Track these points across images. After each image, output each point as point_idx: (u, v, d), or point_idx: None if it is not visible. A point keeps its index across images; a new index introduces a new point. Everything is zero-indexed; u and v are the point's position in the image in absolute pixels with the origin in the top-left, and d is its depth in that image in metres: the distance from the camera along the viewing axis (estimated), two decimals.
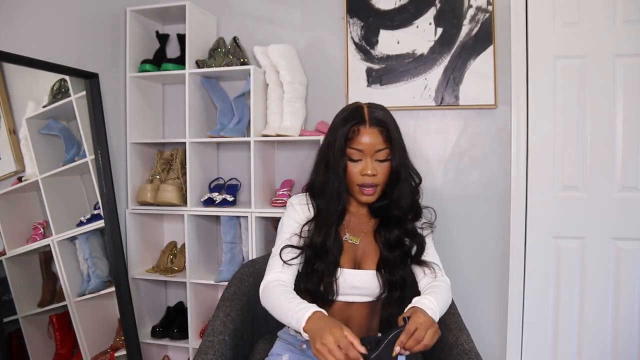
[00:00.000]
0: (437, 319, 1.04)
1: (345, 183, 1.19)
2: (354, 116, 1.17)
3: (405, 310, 1.04)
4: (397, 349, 0.93)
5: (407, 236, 1.23)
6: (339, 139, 1.16)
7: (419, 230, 1.26)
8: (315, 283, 1.18)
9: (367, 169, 1.15)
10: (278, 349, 1.31)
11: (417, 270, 1.25)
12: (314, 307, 1.02)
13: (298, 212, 1.26)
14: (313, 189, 1.25)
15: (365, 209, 1.28)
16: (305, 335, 0.98)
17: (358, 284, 1.20)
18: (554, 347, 1.88)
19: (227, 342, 1.29)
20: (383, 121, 1.16)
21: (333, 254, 1.19)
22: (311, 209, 1.25)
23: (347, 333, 0.92)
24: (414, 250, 1.24)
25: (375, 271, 1.21)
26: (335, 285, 1.19)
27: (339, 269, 1.20)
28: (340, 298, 1.21)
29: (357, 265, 1.23)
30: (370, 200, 1.20)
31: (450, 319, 1.35)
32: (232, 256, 1.97)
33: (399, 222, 1.22)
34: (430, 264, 1.22)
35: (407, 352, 0.96)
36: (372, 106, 1.20)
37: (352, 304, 1.23)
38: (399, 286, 1.21)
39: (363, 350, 0.91)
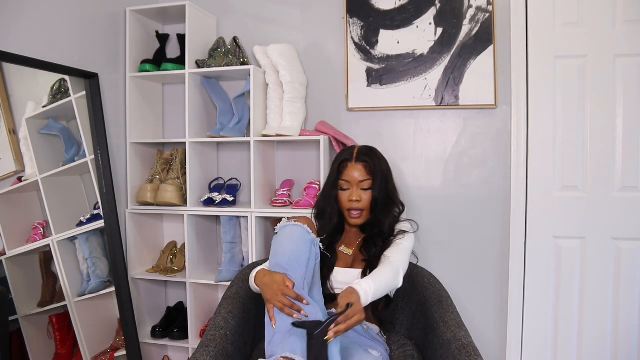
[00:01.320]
0: (369, 300, 1.22)
1: (338, 209, 1.48)
2: (345, 154, 1.48)
3: (343, 291, 1.20)
4: (330, 334, 1.09)
5: (384, 245, 1.45)
6: (333, 173, 1.48)
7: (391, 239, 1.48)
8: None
9: (352, 196, 1.43)
10: None
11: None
12: (260, 267, 1.31)
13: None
14: (317, 213, 1.53)
15: (356, 227, 1.52)
16: (258, 289, 1.27)
17: (346, 279, 1.42)
18: (554, 347, 1.88)
19: (229, 337, 1.31)
20: (367, 157, 1.45)
21: (330, 260, 1.44)
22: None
23: (287, 281, 1.18)
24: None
25: (361, 271, 1.44)
26: (330, 283, 1.44)
27: (335, 268, 1.46)
28: (338, 292, 1.40)
29: (349, 267, 1.49)
30: (357, 222, 1.47)
31: (449, 317, 1.36)
32: (232, 256, 1.97)
33: (380, 236, 1.46)
34: (387, 258, 1.38)
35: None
36: (362, 147, 1.51)
37: None
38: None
39: (294, 295, 1.16)
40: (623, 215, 1.79)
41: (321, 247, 1.31)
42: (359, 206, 1.43)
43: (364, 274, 1.40)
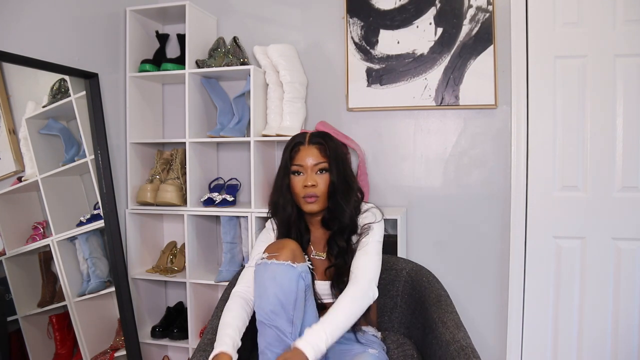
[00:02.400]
0: (324, 349, 1.10)
1: (291, 199, 1.35)
2: (296, 139, 1.36)
3: (287, 353, 1.09)
4: None
5: (347, 247, 1.33)
6: (283, 161, 1.35)
7: (355, 240, 1.35)
8: None
9: (307, 181, 1.30)
10: None
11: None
12: (219, 349, 1.13)
13: (269, 236, 1.41)
14: (272, 211, 1.42)
15: (318, 223, 1.40)
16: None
17: (322, 292, 1.34)
18: (554, 347, 1.88)
19: None
20: (321, 139, 1.34)
21: None
22: (275, 232, 1.41)
23: None
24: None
25: (330, 284, 1.34)
26: (316, 296, 1.32)
27: (314, 281, 1.32)
28: (326, 300, 1.35)
29: (328, 276, 1.36)
30: (313, 208, 1.32)
31: (448, 318, 1.36)
32: (232, 256, 1.97)
33: (343, 233, 1.33)
34: (353, 273, 1.27)
35: None
36: (315, 132, 1.39)
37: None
38: None
39: None
40: (623, 215, 1.79)
41: (311, 267, 1.24)
42: (315, 191, 1.30)
43: (332, 287, 1.31)
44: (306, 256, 1.27)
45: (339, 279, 1.31)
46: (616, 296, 1.80)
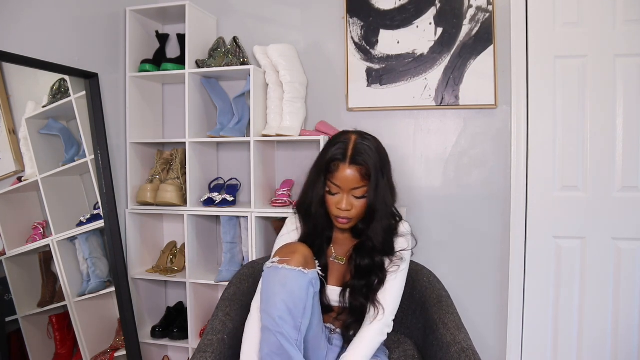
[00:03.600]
0: None
1: (325, 212, 1.28)
2: (336, 151, 1.21)
3: None
4: None
5: (375, 269, 1.27)
6: (321, 171, 1.23)
7: (387, 265, 1.28)
8: None
9: (341, 204, 1.21)
10: None
11: (369, 306, 1.27)
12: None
13: (288, 240, 1.35)
14: (300, 210, 1.34)
15: (348, 234, 1.35)
16: None
17: (334, 297, 1.32)
18: (554, 347, 1.88)
19: (226, 341, 1.30)
20: (364, 160, 1.18)
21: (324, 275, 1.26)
22: (298, 233, 1.35)
23: None
24: (375, 283, 1.28)
25: (340, 289, 1.30)
26: (326, 299, 1.31)
27: (327, 286, 1.30)
28: (335, 304, 1.33)
29: (342, 281, 1.32)
30: (345, 227, 1.27)
31: (449, 318, 1.36)
32: (232, 256, 1.97)
33: (371, 253, 1.27)
34: (378, 305, 1.24)
35: None
36: (359, 141, 1.22)
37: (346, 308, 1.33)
38: (357, 313, 1.27)
39: None
40: (623, 215, 1.79)
41: (319, 272, 1.20)
42: (348, 215, 1.22)
43: (343, 293, 1.28)
44: (317, 261, 1.23)
45: (353, 296, 1.27)
46: (616, 296, 1.80)
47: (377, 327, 1.22)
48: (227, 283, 1.86)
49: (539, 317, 1.88)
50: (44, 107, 1.74)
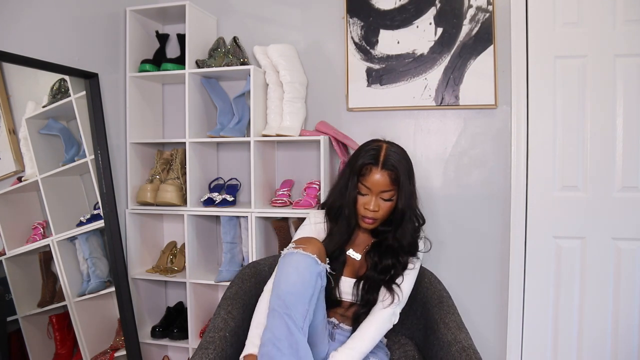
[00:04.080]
0: None
1: (355, 212, 1.35)
2: (369, 157, 1.31)
3: None
4: None
5: (398, 266, 1.36)
6: (354, 174, 1.32)
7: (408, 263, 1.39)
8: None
9: (369, 205, 1.30)
10: None
11: (382, 290, 1.35)
12: (249, 350, 1.20)
13: (312, 230, 1.42)
14: (330, 211, 1.40)
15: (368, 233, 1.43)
16: None
17: (348, 289, 1.39)
18: (554, 347, 1.88)
19: (228, 339, 1.30)
20: (394, 166, 1.29)
21: (336, 268, 1.33)
22: (325, 228, 1.42)
23: None
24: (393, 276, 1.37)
25: (354, 280, 1.38)
26: (337, 291, 1.37)
27: (342, 277, 1.38)
28: (345, 297, 1.40)
29: (356, 274, 1.41)
30: (369, 227, 1.36)
31: (450, 318, 1.36)
32: (232, 256, 1.97)
33: (395, 252, 1.36)
34: (394, 292, 1.32)
35: None
36: (390, 149, 1.33)
37: (354, 304, 1.41)
38: (369, 304, 1.35)
39: None
40: (623, 215, 1.79)
41: (328, 269, 1.24)
42: (375, 216, 1.32)
43: (357, 285, 1.36)
44: (328, 259, 1.27)
45: (369, 289, 1.34)
46: (616, 296, 1.80)
47: (389, 312, 1.31)
48: (227, 283, 1.87)
49: (539, 317, 1.88)
50: (44, 107, 1.74)
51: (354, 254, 1.42)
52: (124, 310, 1.90)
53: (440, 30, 1.90)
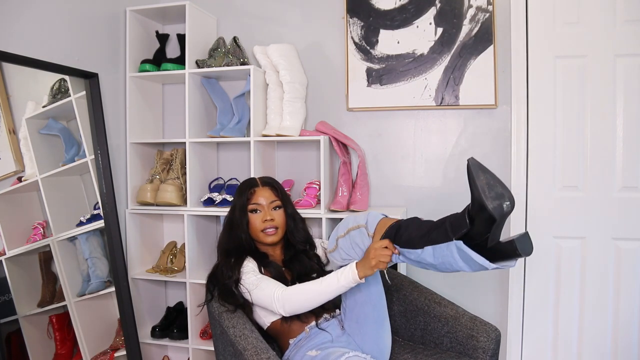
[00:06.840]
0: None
1: (249, 234, 1.52)
2: (248, 184, 1.56)
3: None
4: None
5: (313, 260, 1.57)
6: (240, 202, 1.52)
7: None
8: None
9: (266, 216, 1.51)
10: None
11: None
12: (351, 265, 1.29)
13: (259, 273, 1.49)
14: (228, 250, 1.51)
15: (278, 251, 1.59)
16: (362, 281, 1.27)
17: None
18: (554, 347, 1.88)
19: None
20: (270, 182, 1.58)
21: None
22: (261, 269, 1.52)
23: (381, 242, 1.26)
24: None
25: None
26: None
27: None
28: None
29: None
30: (274, 240, 1.53)
31: (438, 298, 1.52)
32: None
33: (305, 253, 1.57)
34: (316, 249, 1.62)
35: None
36: (262, 177, 1.62)
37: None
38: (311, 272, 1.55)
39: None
40: (623, 215, 1.79)
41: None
42: (274, 224, 1.51)
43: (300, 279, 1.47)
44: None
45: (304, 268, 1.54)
46: (616, 296, 1.80)
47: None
48: None
49: (539, 317, 1.88)
50: (44, 107, 1.74)
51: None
52: (124, 310, 1.90)
53: (440, 30, 1.90)
